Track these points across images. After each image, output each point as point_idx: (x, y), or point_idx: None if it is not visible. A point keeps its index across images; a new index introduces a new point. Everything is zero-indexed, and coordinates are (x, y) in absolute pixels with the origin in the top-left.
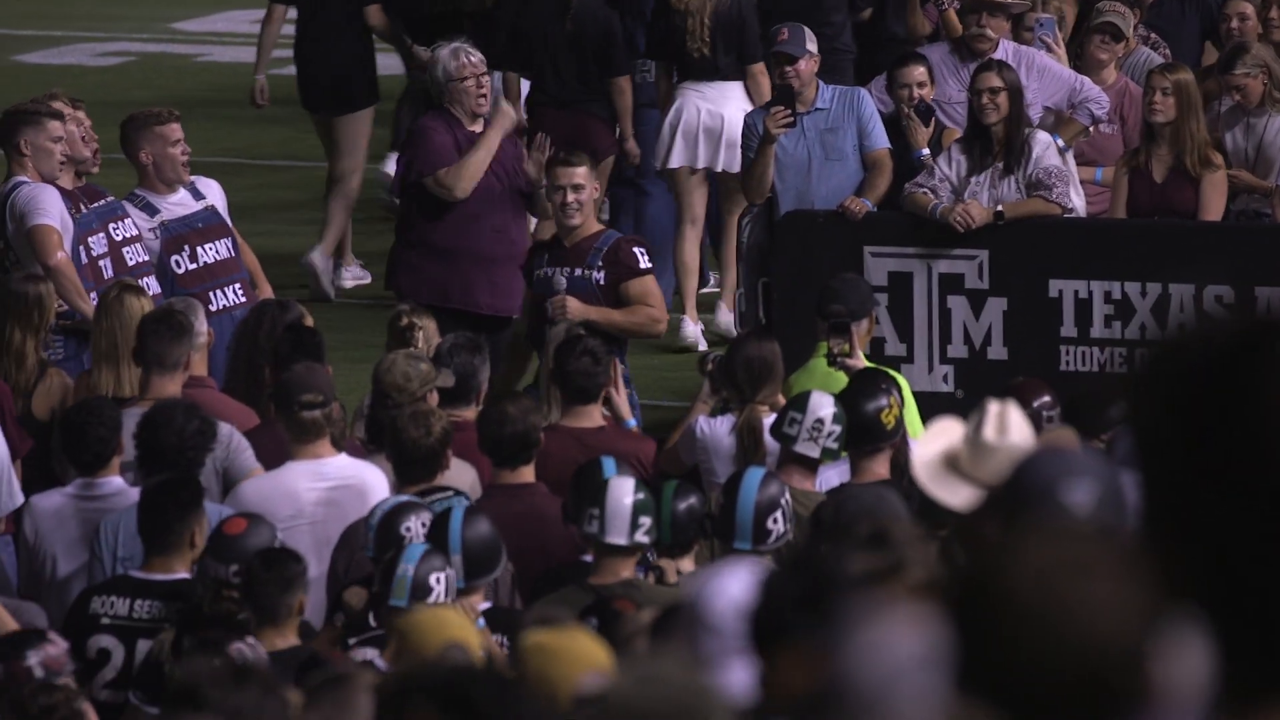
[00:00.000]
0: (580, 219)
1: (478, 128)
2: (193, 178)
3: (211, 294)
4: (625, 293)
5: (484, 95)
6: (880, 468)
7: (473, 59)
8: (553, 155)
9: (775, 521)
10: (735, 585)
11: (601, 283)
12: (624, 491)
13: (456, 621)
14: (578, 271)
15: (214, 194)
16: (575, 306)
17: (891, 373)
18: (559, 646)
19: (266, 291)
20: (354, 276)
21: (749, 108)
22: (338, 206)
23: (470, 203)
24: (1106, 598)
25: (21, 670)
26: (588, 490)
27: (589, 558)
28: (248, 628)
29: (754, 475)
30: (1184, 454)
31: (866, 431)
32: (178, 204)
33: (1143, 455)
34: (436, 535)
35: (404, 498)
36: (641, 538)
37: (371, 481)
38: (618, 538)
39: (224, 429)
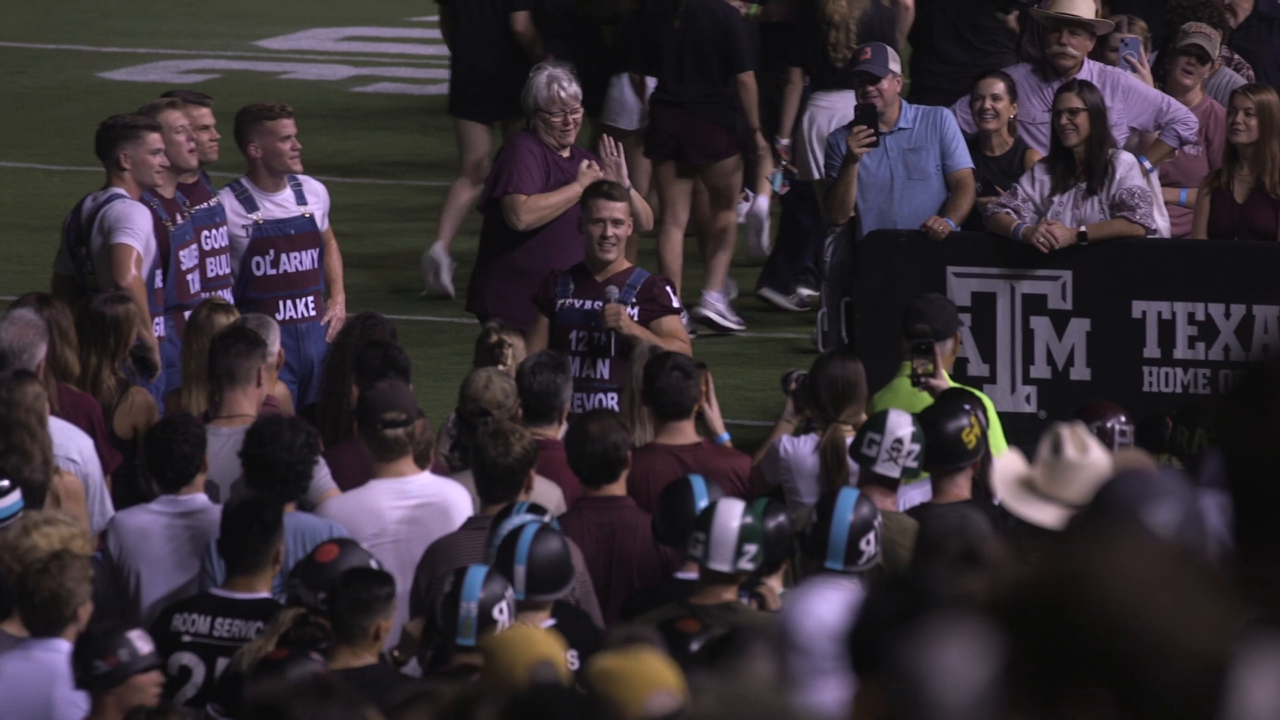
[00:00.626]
0: (615, 254)
1: (565, 152)
2: (301, 179)
3: (282, 303)
4: (656, 329)
5: (569, 129)
6: (962, 488)
7: (564, 94)
8: (594, 186)
9: (868, 543)
10: (825, 606)
11: (635, 318)
12: (731, 517)
13: (542, 639)
14: (597, 305)
15: (317, 201)
16: (626, 318)
17: (977, 393)
18: (624, 670)
19: (338, 301)
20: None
21: None
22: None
23: (554, 224)
24: (1195, 613)
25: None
26: (680, 511)
27: (684, 574)
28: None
29: (848, 496)
30: None
31: (948, 451)
32: (278, 205)
33: (1239, 476)
34: (505, 547)
35: (529, 518)
36: (746, 565)
37: (454, 499)
38: (722, 564)
39: None
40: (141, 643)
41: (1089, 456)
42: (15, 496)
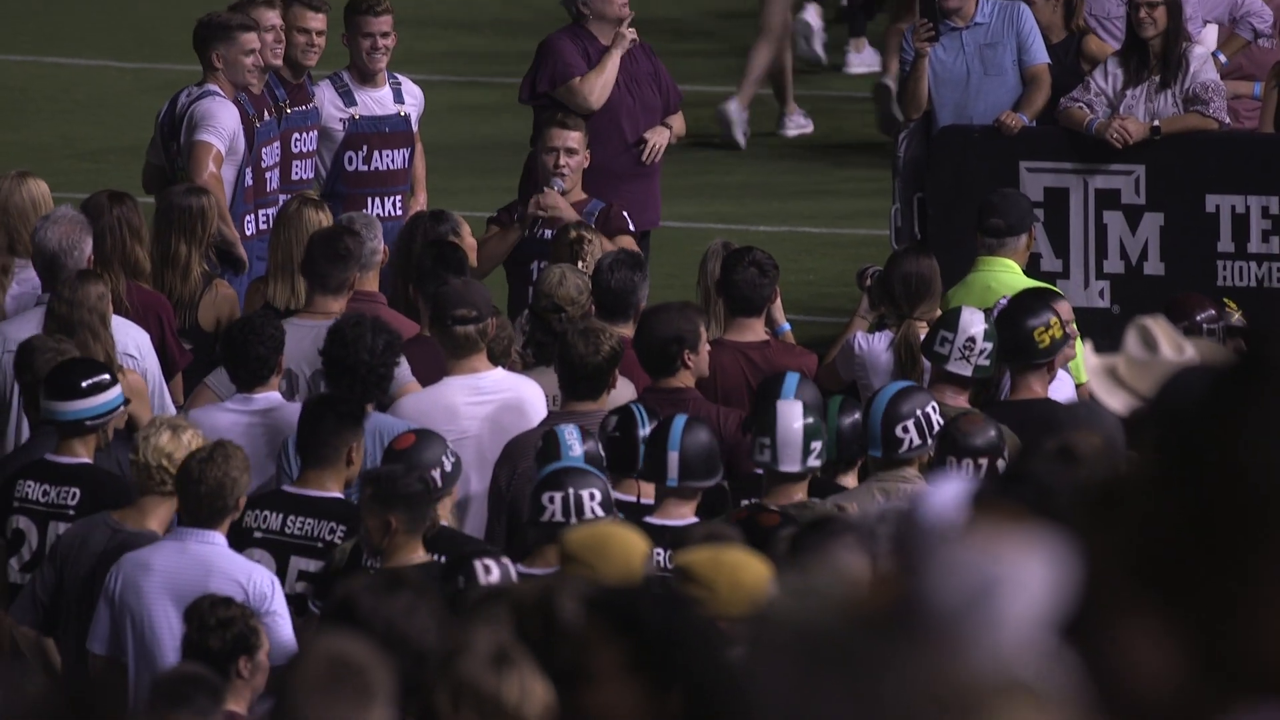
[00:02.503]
0: (570, 184)
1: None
2: (401, 79)
3: (370, 199)
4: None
5: (626, 3)
6: (1038, 386)
7: None
8: (549, 115)
9: (905, 430)
10: (939, 497)
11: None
12: (793, 417)
13: (621, 536)
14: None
15: (414, 102)
16: (564, 204)
17: (1051, 290)
18: (739, 558)
19: (420, 200)
20: (797, 126)
21: None
22: (758, 56)
23: (602, 118)
24: None
25: None
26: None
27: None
28: (426, 539)
29: (888, 390)
30: None
31: (1019, 349)
32: (376, 101)
33: None
34: (657, 435)
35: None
36: (814, 462)
37: (529, 395)
38: (791, 466)
39: None
40: None
41: (1185, 355)
42: (116, 391)
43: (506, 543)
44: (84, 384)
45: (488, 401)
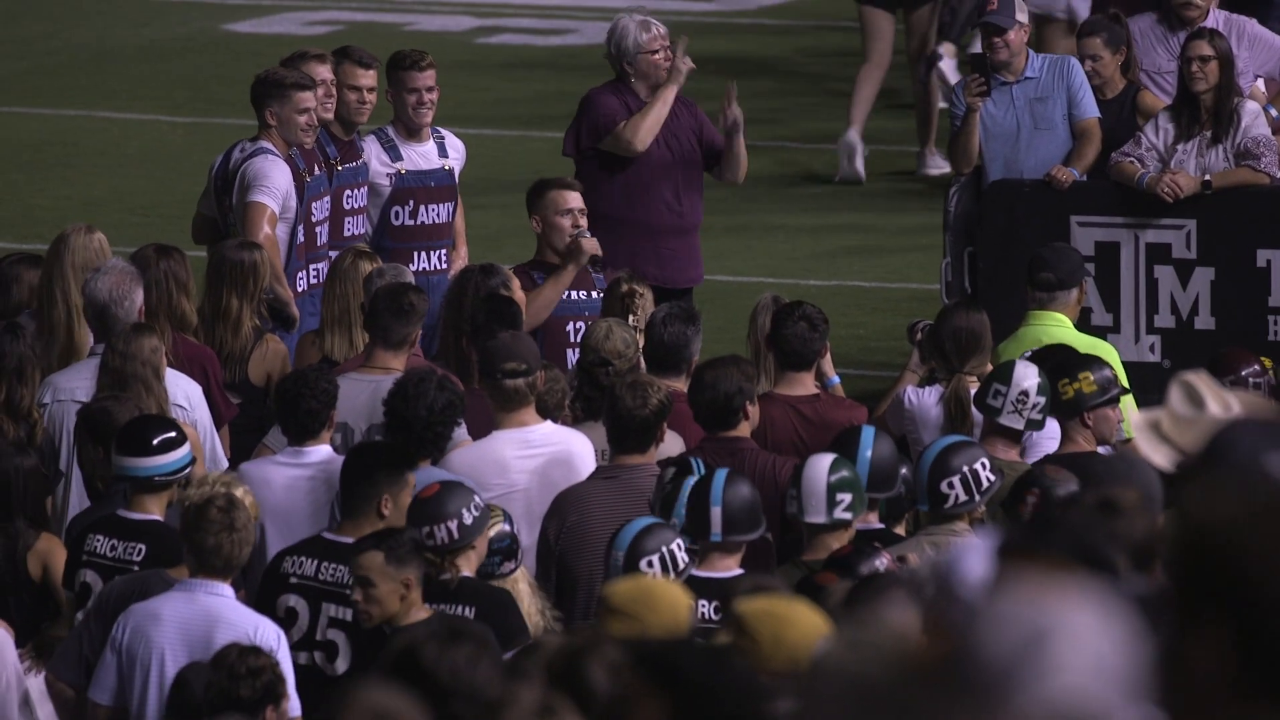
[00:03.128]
0: None
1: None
2: (444, 133)
3: (416, 254)
4: None
5: (669, 65)
6: (1080, 439)
7: (661, 30)
8: (545, 180)
9: (950, 486)
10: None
11: (600, 310)
12: (820, 470)
13: (667, 591)
14: (590, 294)
15: (457, 156)
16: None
17: (1102, 344)
18: (790, 613)
19: (462, 253)
20: (937, 166)
21: None
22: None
23: (641, 173)
24: None
25: None
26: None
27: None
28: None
29: (937, 444)
30: None
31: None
32: (421, 156)
33: None
34: (699, 491)
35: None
36: (842, 514)
37: (578, 449)
38: (817, 517)
39: None
40: None
41: (1232, 411)
42: (185, 449)
43: (556, 597)
44: (155, 441)
45: (537, 455)
